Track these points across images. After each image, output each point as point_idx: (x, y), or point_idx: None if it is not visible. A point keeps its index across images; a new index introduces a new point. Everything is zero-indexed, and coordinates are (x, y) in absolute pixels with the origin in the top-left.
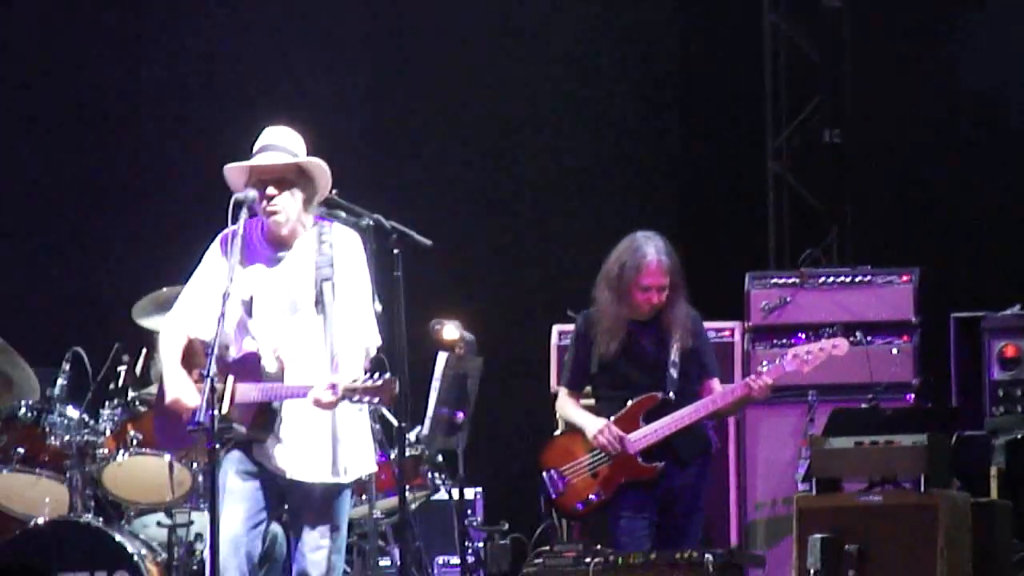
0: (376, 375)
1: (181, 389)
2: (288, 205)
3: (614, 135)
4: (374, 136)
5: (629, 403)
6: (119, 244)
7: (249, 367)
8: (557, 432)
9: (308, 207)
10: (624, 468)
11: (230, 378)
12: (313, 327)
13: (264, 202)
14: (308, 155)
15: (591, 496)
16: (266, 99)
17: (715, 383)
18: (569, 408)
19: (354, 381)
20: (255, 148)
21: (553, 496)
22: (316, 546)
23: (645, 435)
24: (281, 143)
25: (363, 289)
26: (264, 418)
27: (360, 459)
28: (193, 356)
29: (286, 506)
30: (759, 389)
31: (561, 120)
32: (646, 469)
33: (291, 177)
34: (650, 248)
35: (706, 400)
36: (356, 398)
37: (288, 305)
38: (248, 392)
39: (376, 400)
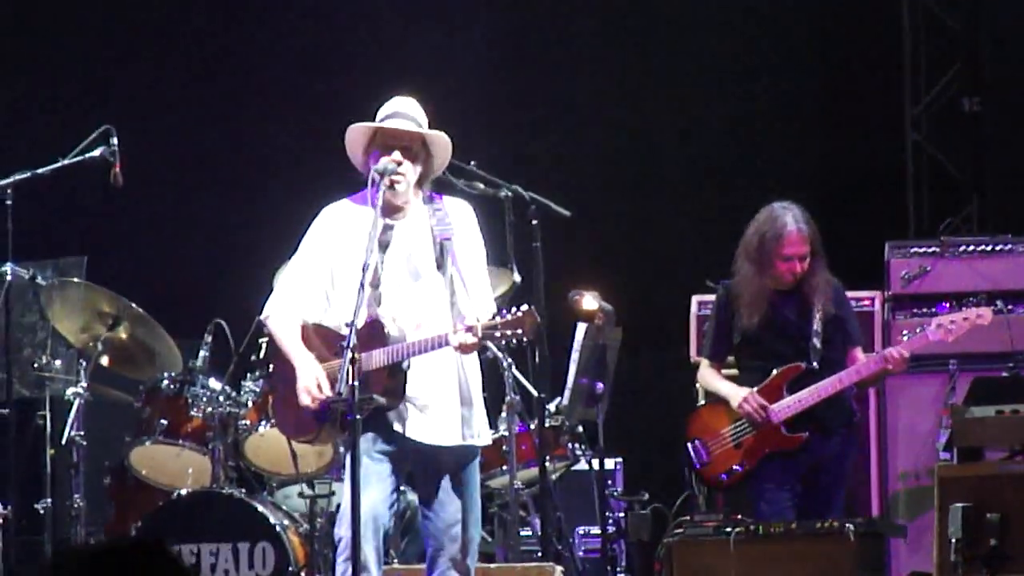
0: (514, 307)
1: (311, 377)
2: (410, 174)
3: (753, 106)
4: (509, 108)
5: (773, 373)
6: (260, 215)
7: (375, 334)
8: (698, 403)
9: (423, 182)
10: (768, 439)
11: (353, 351)
12: (437, 289)
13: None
14: (437, 131)
15: (735, 466)
16: (390, 69)
17: (859, 352)
18: (712, 378)
19: (492, 318)
20: (381, 114)
21: (697, 466)
22: (453, 519)
23: (789, 405)
24: (409, 112)
25: (480, 256)
26: (394, 382)
27: (486, 423)
28: (309, 337)
29: (419, 477)
30: (895, 362)
31: (698, 91)
32: (790, 439)
33: (415, 148)
34: (788, 217)
35: (849, 370)
36: (498, 334)
37: (409, 271)
38: (377, 357)
39: (520, 333)
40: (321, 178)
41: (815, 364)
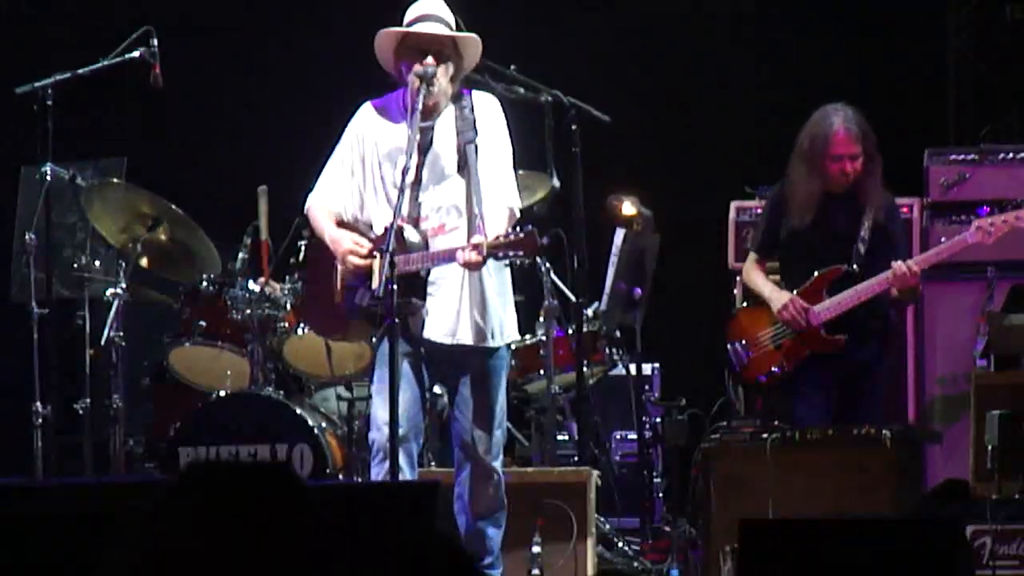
0: (517, 229)
1: (350, 243)
2: (442, 77)
3: (792, 12)
4: (548, 12)
5: (814, 275)
6: (298, 119)
7: (396, 239)
8: (736, 308)
9: (455, 82)
10: (808, 340)
11: (383, 252)
12: (458, 191)
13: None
14: (466, 33)
15: (774, 368)
16: None
17: None
18: (756, 276)
19: (496, 238)
20: (409, 16)
21: (736, 368)
22: (477, 423)
23: (828, 307)
24: (438, 13)
25: (505, 152)
26: (413, 288)
27: (509, 323)
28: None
29: (444, 378)
30: (900, 278)
31: (740, 4)
32: (830, 341)
33: (447, 50)
34: (837, 118)
35: (883, 276)
36: (501, 254)
37: (435, 174)
38: (399, 263)
39: (521, 254)
40: (358, 83)
41: (855, 267)
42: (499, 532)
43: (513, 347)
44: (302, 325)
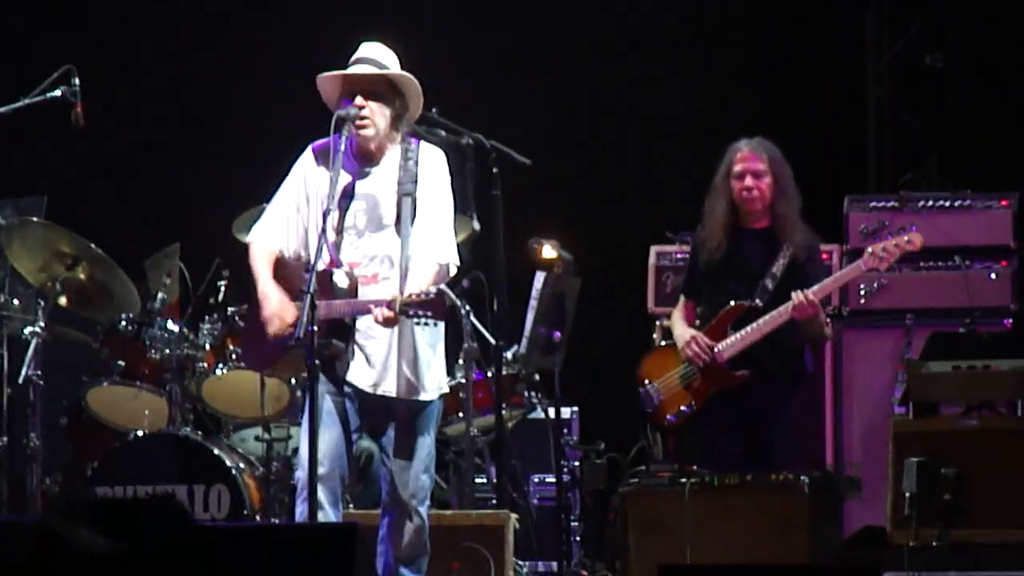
0: (430, 290)
1: (276, 307)
2: (377, 118)
3: (714, 58)
4: (472, 54)
5: (720, 312)
6: (220, 158)
7: (323, 285)
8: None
9: (398, 124)
10: (714, 378)
11: (310, 296)
12: (393, 242)
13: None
14: (403, 72)
15: (683, 407)
16: (363, 15)
17: None
18: (675, 317)
19: (409, 296)
20: (350, 61)
21: (648, 409)
22: (404, 465)
23: (732, 343)
24: (374, 56)
25: (444, 207)
26: (339, 334)
27: (437, 376)
28: (279, 272)
29: (372, 424)
30: (798, 308)
31: (660, 35)
32: (733, 377)
33: (381, 91)
34: (743, 142)
35: (783, 307)
36: (411, 312)
37: (372, 221)
38: (320, 309)
39: (429, 314)
40: (282, 122)
41: (759, 303)
42: None
43: None
44: (221, 365)
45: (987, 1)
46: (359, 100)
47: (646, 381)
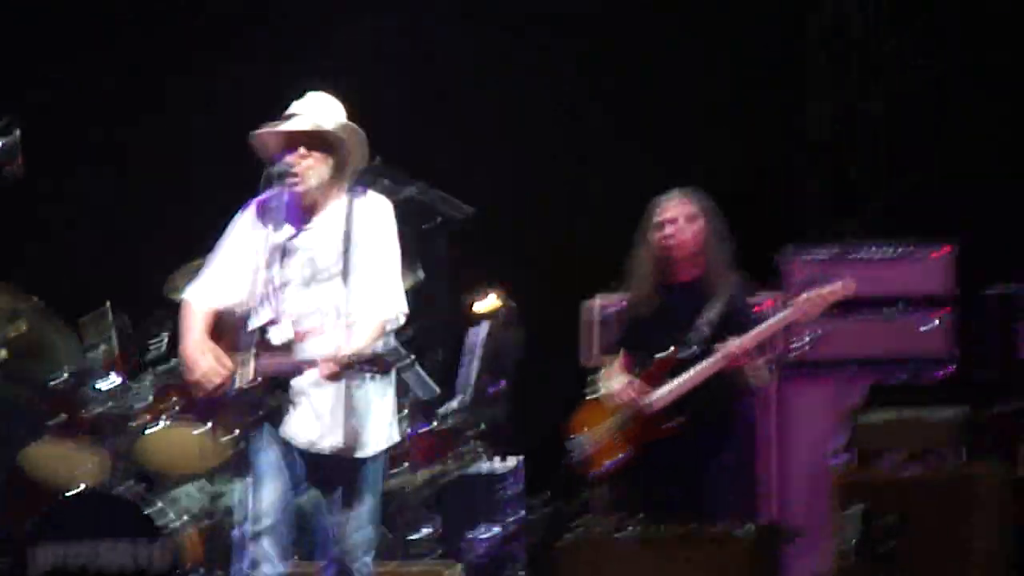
0: (376, 345)
1: (204, 366)
2: (310, 173)
3: (653, 107)
4: (416, 103)
5: (654, 359)
6: (159, 213)
7: (263, 339)
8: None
9: (341, 175)
10: (647, 427)
11: (251, 350)
12: (337, 296)
13: (290, 170)
14: (346, 122)
15: (618, 456)
16: (304, 65)
17: None
18: (610, 370)
19: (353, 353)
20: (291, 111)
21: (580, 460)
22: (348, 517)
23: (667, 392)
24: (310, 109)
25: (390, 258)
26: (280, 389)
27: (382, 431)
28: (218, 327)
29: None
30: (730, 357)
31: (605, 85)
32: (667, 427)
33: (317, 143)
34: (670, 193)
35: (715, 356)
36: (357, 368)
37: (314, 274)
38: (261, 364)
39: (374, 369)
40: (227, 176)
41: (695, 348)
42: None
43: None
44: (161, 420)
45: (925, 49)
46: (291, 157)
47: (578, 431)
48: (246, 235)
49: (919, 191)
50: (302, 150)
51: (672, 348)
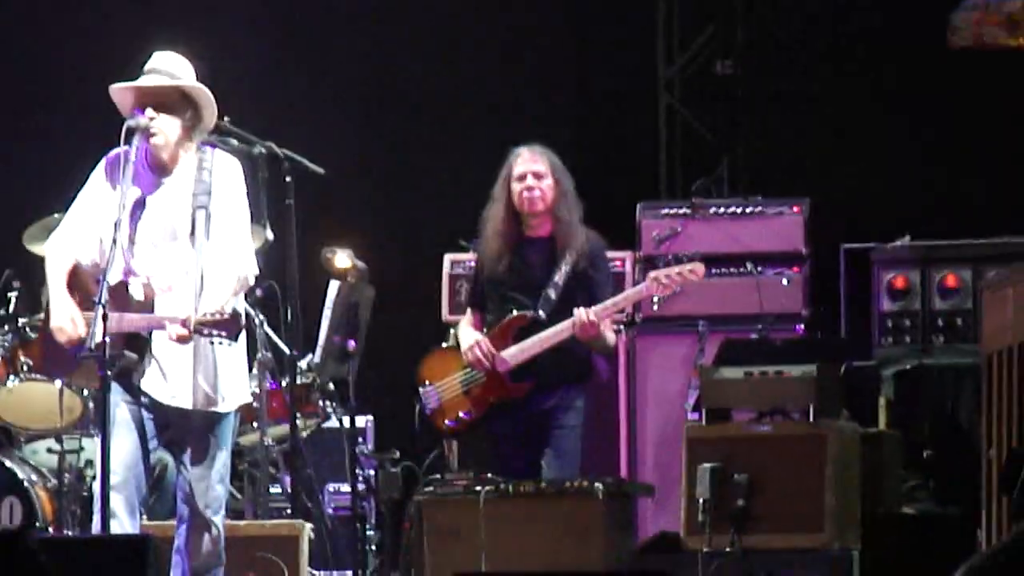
0: (224, 309)
1: (65, 316)
2: (167, 129)
3: (507, 66)
4: (266, 63)
5: (503, 320)
6: (9, 167)
7: (118, 295)
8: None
9: (192, 134)
10: (494, 387)
11: (104, 307)
12: (188, 256)
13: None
14: (196, 82)
15: (462, 414)
16: (158, 22)
17: None
18: (460, 326)
19: (203, 316)
20: (143, 70)
21: (427, 412)
22: (199, 475)
23: (514, 353)
24: (166, 67)
25: (239, 218)
26: (136, 343)
27: (237, 388)
28: (76, 280)
29: (167, 434)
30: (579, 327)
31: (455, 43)
32: (515, 388)
33: (172, 101)
34: (523, 147)
35: (565, 323)
36: (206, 331)
37: (166, 232)
38: (115, 320)
39: (223, 334)
40: (84, 130)
41: (542, 314)
42: None
43: None
44: (12, 377)
45: (775, 8)
46: (149, 112)
47: (427, 382)
48: (100, 190)
49: (771, 149)
50: (152, 108)
51: (521, 310)
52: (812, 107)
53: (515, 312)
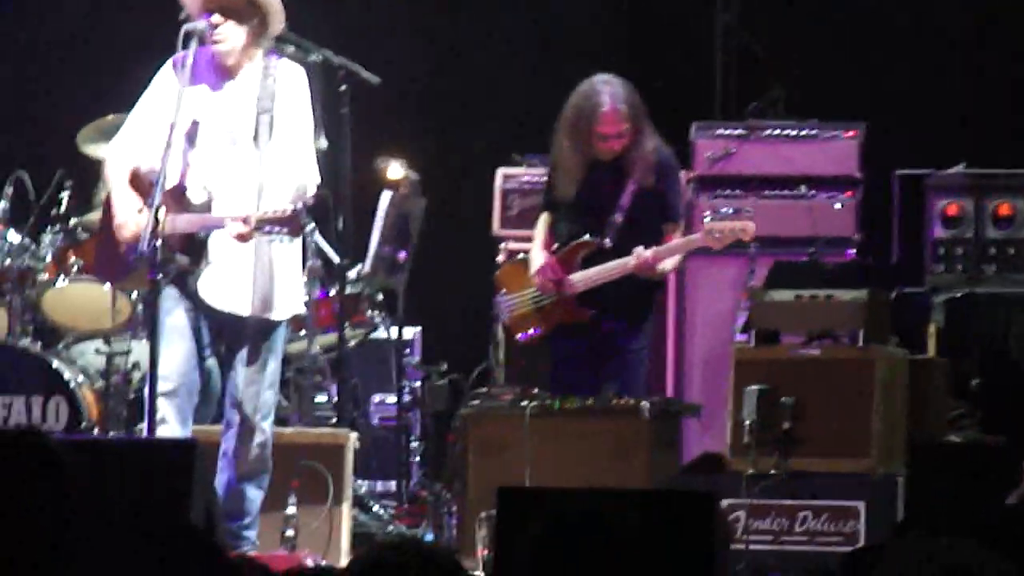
0: (287, 207)
1: (129, 216)
2: (233, 35)
3: None
4: None
5: (571, 244)
6: (66, 67)
7: (176, 197)
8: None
9: (257, 40)
10: (562, 308)
11: (162, 208)
12: (249, 160)
13: (210, 30)
14: None
15: (532, 330)
16: None
17: (676, 233)
18: (536, 233)
19: (264, 213)
20: None
21: (503, 320)
22: (249, 380)
23: (581, 280)
24: None
25: (303, 126)
26: (193, 246)
27: (292, 296)
28: (137, 184)
29: (219, 339)
30: (637, 266)
31: None
32: (580, 312)
33: (240, 7)
34: (606, 97)
35: (626, 260)
36: (266, 229)
37: (228, 136)
38: (172, 222)
39: (285, 231)
40: (142, 31)
41: (608, 242)
42: (260, 494)
43: None
44: (62, 277)
45: None
46: (215, 18)
47: (503, 291)
48: (164, 94)
49: (827, 73)
50: (219, 14)
51: (587, 236)
52: (870, 32)
53: (583, 238)
